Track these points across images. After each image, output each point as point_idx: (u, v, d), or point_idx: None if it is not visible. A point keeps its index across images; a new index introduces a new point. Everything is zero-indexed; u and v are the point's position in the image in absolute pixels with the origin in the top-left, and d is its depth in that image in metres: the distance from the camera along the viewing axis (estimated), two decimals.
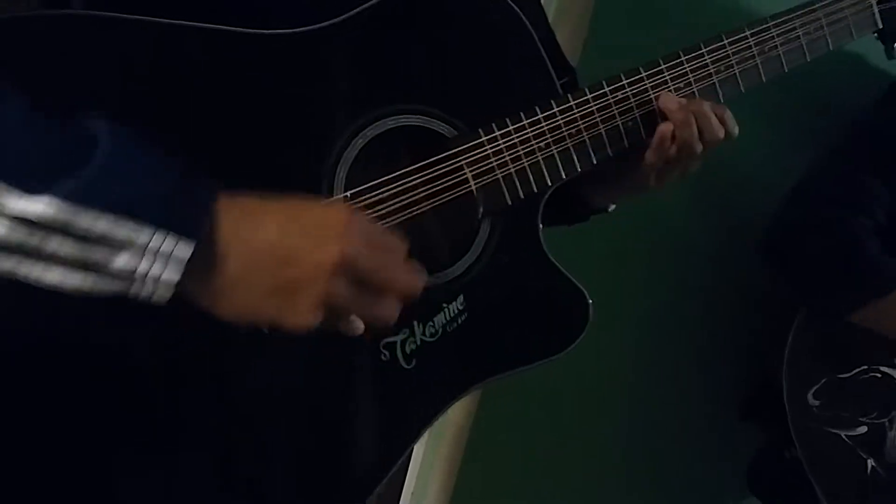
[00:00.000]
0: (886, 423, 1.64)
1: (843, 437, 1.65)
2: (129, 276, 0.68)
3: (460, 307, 0.94)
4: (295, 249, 0.72)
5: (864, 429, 1.64)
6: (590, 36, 1.65)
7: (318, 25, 0.89)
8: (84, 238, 0.66)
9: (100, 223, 0.66)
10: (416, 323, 0.92)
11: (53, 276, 0.67)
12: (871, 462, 1.63)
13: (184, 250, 0.68)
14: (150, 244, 0.67)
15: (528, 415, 1.78)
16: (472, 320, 0.95)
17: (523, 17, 0.96)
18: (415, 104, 0.93)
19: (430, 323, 0.93)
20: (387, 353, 0.91)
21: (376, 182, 0.91)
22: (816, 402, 1.66)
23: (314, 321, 0.73)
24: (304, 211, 0.76)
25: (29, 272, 0.66)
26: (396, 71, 0.93)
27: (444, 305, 0.94)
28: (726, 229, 1.88)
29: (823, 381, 1.67)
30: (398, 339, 0.92)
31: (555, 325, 0.99)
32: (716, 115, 1.02)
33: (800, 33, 1.10)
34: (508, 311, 0.98)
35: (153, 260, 0.68)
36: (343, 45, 0.90)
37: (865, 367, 1.66)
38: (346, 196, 0.89)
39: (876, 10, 1.16)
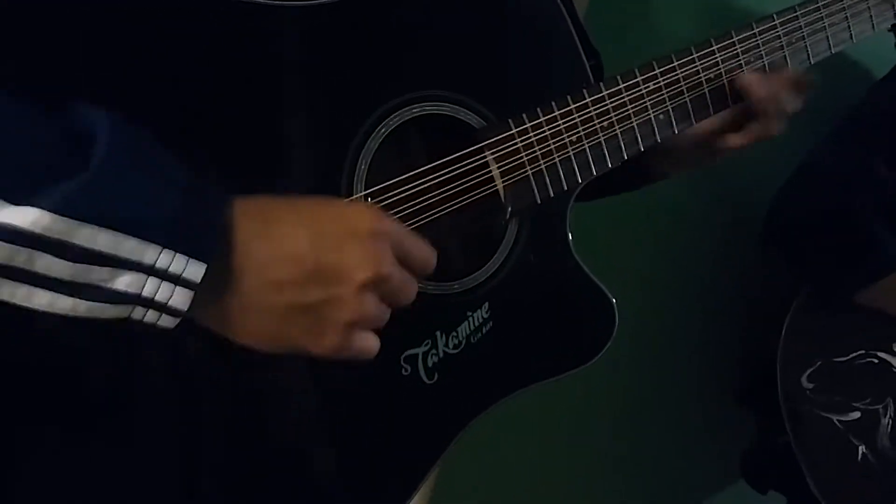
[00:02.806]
0: (880, 410, 1.63)
1: (836, 421, 1.63)
2: (131, 300, 0.58)
3: (485, 315, 0.88)
4: (323, 263, 0.63)
5: (857, 414, 1.63)
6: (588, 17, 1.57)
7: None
8: (80, 256, 0.56)
9: (100, 239, 0.56)
10: (439, 334, 0.86)
11: (41, 299, 0.56)
12: (862, 448, 1.61)
13: (195, 271, 0.59)
14: (158, 264, 0.58)
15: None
16: (497, 329, 0.88)
17: (558, 1, 0.88)
18: (441, 90, 0.85)
19: (454, 334, 0.86)
20: (408, 367, 0.84)
21: (397, 180, 0.82)
22: (810, 386, 1.64)
23: (347, 346, 0.65)
24: (329, 215, 0.66)
25: (12, 294, 0.56)
26: (423, 54, 0.85)
27: (469, 314, 0.87)
28: (722, 214, 1.85)
29: (818, 364, 1.64)
30: (420, 351, 0.85)
31: (582, 334, 0.93)
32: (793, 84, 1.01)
33: (826, 24, 1.05)
34: (535, 319, 0.91)
35: (160, 282, 0.58)
36: (366, 21, 0.81)
37: (862, 351, 1.64)
38: (364, 196, 0.81)
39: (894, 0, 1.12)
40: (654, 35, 1.58)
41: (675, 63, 0.95)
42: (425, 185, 0.84)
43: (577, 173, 0.91)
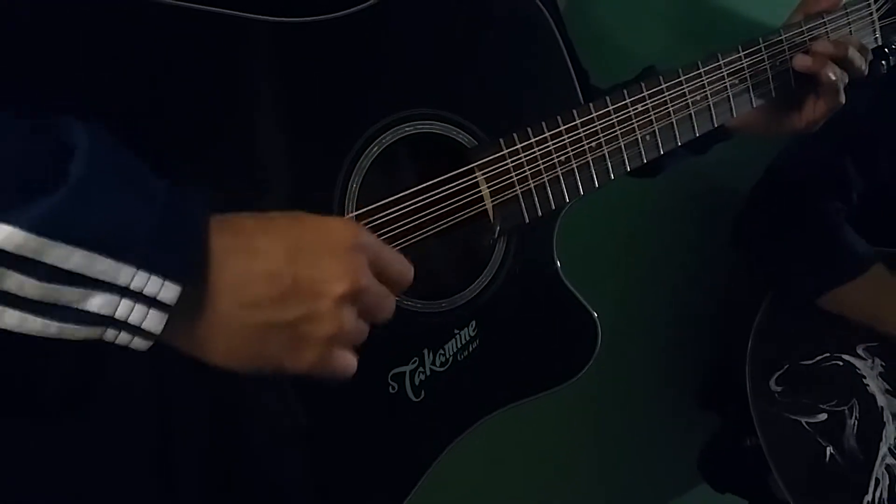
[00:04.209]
0: (846, 411, 1.66)
1: (804, 423, 1.66)
2: (103, 322, 0.57)
3: (472, 334, 0.89)
4: (299, 279, 0.62)
5: (824, 416, 1.66)
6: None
7: (331, 15, 0.79)
8: (52, 275, 0.55)
9: (73, 258, 0.55)
10: (426, 352, 0.86)
11: (10, 318, 0.55)
12: (829, 449, 1.65)
13: (170, 293, 0.58)
14: (132, 285, 0.57)
15: None
16: (484, 348, 0.89)
17: (550, 20, 0.89)
18: (433, 109, 0.86)
19: (441, 351, 0.87)
20: (395, 385, 0.85)
21: (387, 200, 0.83)
22: (778, 388, 1.67)
23: (325, 362, 0.65)
24: (305, 230, 0.65)
25: None
26: (416, 73, 0.85)
27: (456, 332, 0.88)
28: (692, 218, 1.87)
29: (786, 367, 1.67)
30: (407, 369, 0.86)
31: (566, 351, 0.95)
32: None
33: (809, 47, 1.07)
34: (521, 336, 0.93)
35: (134, 303, 0.57)
36: (359, 39, 0.81)
37: (828, 354, 1.67)
38: (354, 217, 0.82)
39: (877, 25, 1.13)
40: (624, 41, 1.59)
41: (663, 85, 0.96)
42: (416, 205, 0.85)
43: (566, 193, 0.92)
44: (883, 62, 1.16)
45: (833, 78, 1.02)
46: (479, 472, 1.75)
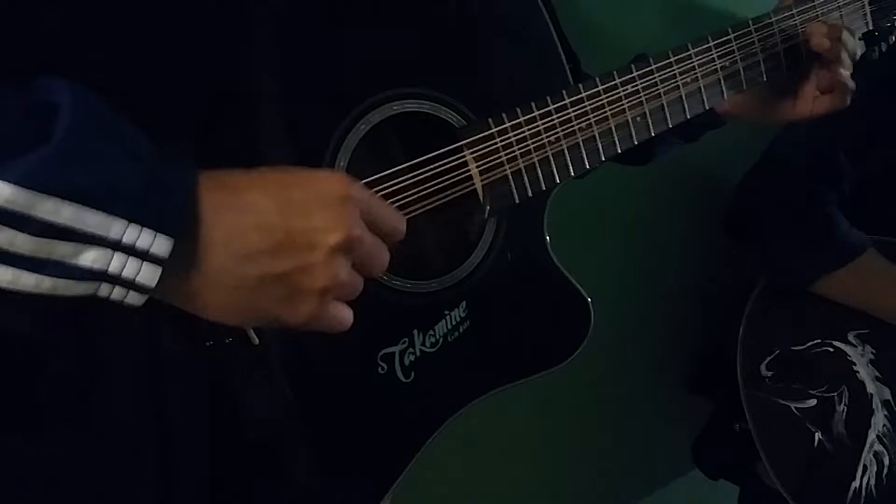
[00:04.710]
0: (835, 397, 1.67)
1: (793, 408, 1.67)
2: (97, 277, 0.57)
3: (462, 314, 0.88)
4: (292, 230, 0.62)
5: (813, 401, 1.67)
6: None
7: None
8: (44, 230, 0.54)
9: (63, 212, 0.54)
10: (416, 332, 0.86)
11: (4, 275, 0.55)
12: (818, 435, 1.66)
13: (163, 246, 0.58)
14: (124, 239, 0.57)
15: None
16: (474, 329, 0.89)
17: (540, 2, 0.88)
18: (422, 88, 0.85)
19: (431, 332, 0.87)
20: (384, 365, 0.85)
21: (374, 178, 0.82)
22: (769, 373, 1.68)
23: (321, 314, 0.65)
24: (296, 183, 0.64)
25: None
26: (405, 51, 0.84)
27: (446, 313, 0.88)
28: (684, 204, 1.87)
29: (777, 352, 1.68)
30: (396, 349, 0.85)
31: (557, 333, 0.94)
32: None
33: (799, 31, 1.07)
34: (512, 318, 0.92)
35: (126, 257, 0.57)
36: (347, 16, 0.80)
37: (819, 340, 1.68)
38: None
39: (868, 10, 1.13)
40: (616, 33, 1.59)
41: (653, 66, 0.95)
42: (403, 183, 0.84)
43: (556, 174, 0.91)
44: (875, 48, 1.16)
45: (847, 55, 1.02)
46: (469, 460, 1.76)
